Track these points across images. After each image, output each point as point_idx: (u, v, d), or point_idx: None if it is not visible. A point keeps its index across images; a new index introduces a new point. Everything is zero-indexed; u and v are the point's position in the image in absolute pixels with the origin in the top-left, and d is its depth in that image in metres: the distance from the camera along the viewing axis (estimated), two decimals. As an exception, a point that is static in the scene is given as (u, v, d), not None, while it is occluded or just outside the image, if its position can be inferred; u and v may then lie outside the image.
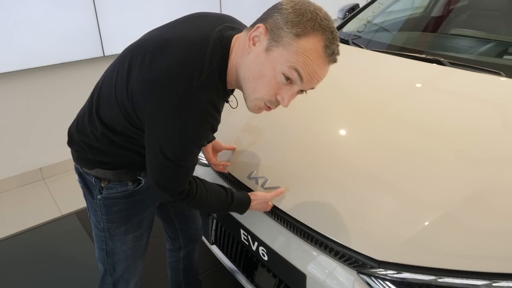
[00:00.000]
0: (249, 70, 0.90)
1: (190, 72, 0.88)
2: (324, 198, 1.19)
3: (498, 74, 1.50)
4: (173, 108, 0.88)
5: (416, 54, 1.73)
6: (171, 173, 0.98)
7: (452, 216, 1.03)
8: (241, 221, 1.38)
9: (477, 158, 1.18)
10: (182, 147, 0.93)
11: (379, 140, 1.31)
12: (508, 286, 0.91)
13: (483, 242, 0.98)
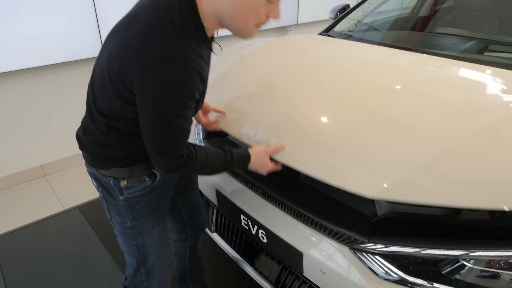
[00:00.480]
0: (232, 8, 0.95)
1: (163, 26, 0.92)
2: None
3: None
4: (156, 64, 0.90)
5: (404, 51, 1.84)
6: (168, 134, 0.99)
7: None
8: (242, 207, 1.48)
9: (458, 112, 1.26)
10: (174, 101, 0.95)
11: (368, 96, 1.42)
12: (483, 255, 1.02)
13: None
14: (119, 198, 1.18)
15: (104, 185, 1.20)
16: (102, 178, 1.18)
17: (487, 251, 1.02)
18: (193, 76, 0.94)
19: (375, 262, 1.11)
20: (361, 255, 1.14)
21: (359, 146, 1.20)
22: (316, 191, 1.32)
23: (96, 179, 1.21)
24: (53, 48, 2.65)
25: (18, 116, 2.78)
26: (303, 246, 1.26)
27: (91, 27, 2.74)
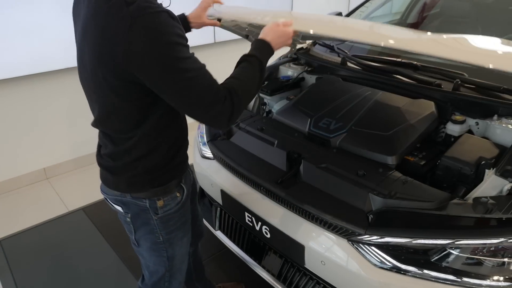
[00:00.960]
0: None
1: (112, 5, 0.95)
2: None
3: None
4: (130, 33, 0.92)
5: (394, 59, 1.96)
6: (201, 84, 0.98)
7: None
8: (246, 204, 1.59)
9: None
10: (175, 51, 0.95)
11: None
12: (468, 243, 1.14)
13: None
14: (153, 218, 1.21)
15: (135, 209, 1.21)
16: (135, 201, 1.19)
17: (471, 240, 1.14)
18: (166, 18, 0.95)
19: (371, 252, 1.23)
20: (358, 246, 1.25)
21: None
22: (315, 189, 1.43)
23: (124, 204, 1.22)
24: (58, 55, 2.72)
25: (22, 120, 2.85)
26: (304, 239, 1.37)
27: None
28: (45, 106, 2.91)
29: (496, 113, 1.56)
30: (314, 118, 1.72)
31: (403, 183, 1.34)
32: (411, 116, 1.61)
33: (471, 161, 1.38)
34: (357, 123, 1.63)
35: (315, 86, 2.01)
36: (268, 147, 1.65)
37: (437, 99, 1.69)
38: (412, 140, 1.52)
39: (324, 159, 1.50)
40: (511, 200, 1.21)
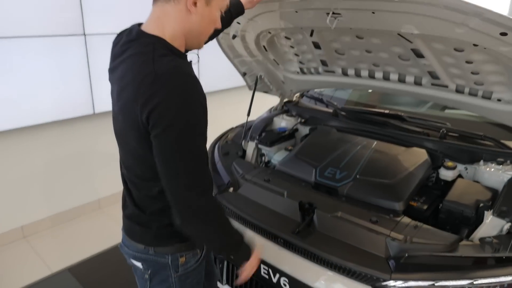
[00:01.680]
0: (201, 25, 1.09)
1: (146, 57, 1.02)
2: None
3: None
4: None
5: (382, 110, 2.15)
6: (197, 166, 1.02)
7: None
8: (262, 256, 1.61)
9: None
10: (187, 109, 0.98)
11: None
12: (484, 282, 1.23)
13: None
14: (172, 276, 1.22)
15: (155, 266, 1.21)
16: (156, 258, 1.20)
17: (487, 279, 1.24)
18: (191, 82, 1.00)
19: (397, 298, 1.29)
20: (384, 292, 1.31)
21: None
22: (332, 238, 1.49)
23: (145, 261, 1.22)
24: (48, 108, 2.69)
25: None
26: (327, 289, 1.41)
27: (85, 89, 2.83)
28: (28, 159, 2.82)
29: (482, 158, 1.75)
30: (319, 168, 1.82)
31: (414, 227, 1.44)
32: (409, 163, 1.75)
33: (471, 204, 1.52)
34: (361, 172, 1.75)
35: (313, 137, 2.13)
36: (279, 198, 1.71)
37: (428, 147, 1.85)
38: (413, 186, 1.65)
39: (335, 208, 1.58)
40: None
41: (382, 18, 1.44)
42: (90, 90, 2.86)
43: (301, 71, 2.24)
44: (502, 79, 1.53)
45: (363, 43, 1.72)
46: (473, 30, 1.26)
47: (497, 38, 1.25)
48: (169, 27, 1.07)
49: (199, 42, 1.15)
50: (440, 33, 1.37)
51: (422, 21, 1.35)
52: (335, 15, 1.49)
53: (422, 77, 1.77)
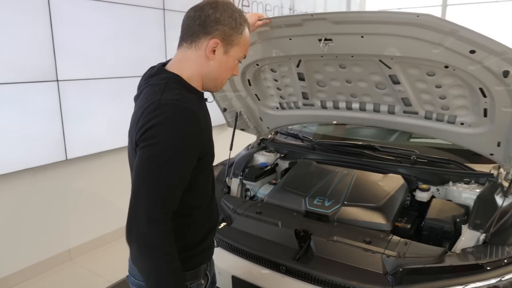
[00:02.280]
0: (218, 70, 1.17)
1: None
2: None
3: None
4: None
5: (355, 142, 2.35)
6: (158, 194, 1.02)
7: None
8: (265, 286, 1.65)
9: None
10: (175, 153, 1.03)
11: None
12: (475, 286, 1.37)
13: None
14: None
15: None
16: None
17: (475, 283, 1.38)
18: (187, 115, 1.06)
19: (400, 310, 1.39)
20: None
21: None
22: (331, 260, 1.58)
23: None
24: (19, 156, 2.60)
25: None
26: (335, 311, 1.48)
27: (57, 134, 2.78)
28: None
29: (450, 180, 1.96)
30: (308, 198, 1.94)
31: (405, 244, 1.58)
32: (389, 188, 1.92)
33: (449, 220, 1.70)
34: (347, 198, 1.89)
35: (296, 170, 2.25)
36: (273, 228, 1.78)
37: (402, 173, 2.05)
38: (397, 208, 1.81)
39: (330, 233, 1.69)
40: (488, 247, 1.51)
41: (369, 42, 1.63)
42: (63, 136, 2.81)
43: (281, 106, 2.41)
44: (465, 103, 1.78)
45: (345, 73, 1.92)
46: (447, 49, 1.48)
47: (467, 57, 1.47)
48: (187, 69, 1.17)
49: (215, 85, 1.23)
50: (419, 55, 1.59)
51: (403, 43, 1.56)
52: (326, 41, 1.68)
53: (395, 105, 1.98)
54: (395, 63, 1.71)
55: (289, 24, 1.69)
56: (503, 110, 1.66)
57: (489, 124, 1.78)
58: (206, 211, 1.27)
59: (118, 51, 3.12)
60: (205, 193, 1.25)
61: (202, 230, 1.26)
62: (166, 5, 3.41)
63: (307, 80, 2.07)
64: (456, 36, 1.41)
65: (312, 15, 1.59)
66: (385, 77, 1.82)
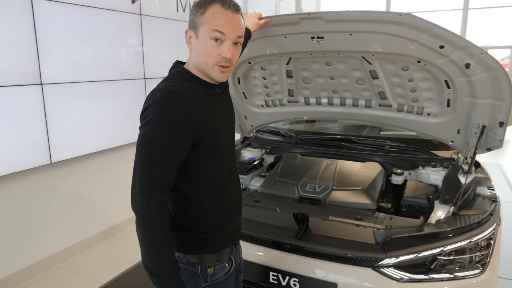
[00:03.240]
0: (199, 56, 1.21)
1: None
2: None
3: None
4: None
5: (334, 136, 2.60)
6: (149, 166, 1.14)
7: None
8: (270, 265, 1.83)
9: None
10: (161, 129, 1.14)
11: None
12: (450, 248, 1.64)
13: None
14: (201, 285, 1.30)
15: (187, 274, 1.28)
16: (187, 266, 1.29)
17: (451, 245, 1.66)
18: (173, 96, 1.16)
19: (392, 272, 1.63)
20: (380, 271, 1.64)
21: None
22: (329, 237, 1.80)
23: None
24: (3, 160, 2.57)
25: None
26: (335, 278, 1.69)
27: (41, 136, 2.77)
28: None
29: (420, 165, 2.27)
30: (300, 185, 2.15)
31: (390, 219, 1.84)
32: (370, 174, 2.19)
33: (424, 197, 1.98)
34: (335, 184, 2.12)
35: (284, 162, 2.46)
36: (273, 213, 1.97)
37: (379, 161, 2.33)
38: (379, 190, 2.08)
39: (324, 214, 1.91)
40: (457, 217, 1.81)
41: (356, 39, 1.87)
42: (47, 140, 2.80)
43: (266, 104, 2.61)
44: (432, 95, 2.08)
45: (330, 70, 2.16)
46: (422, 45, 1.76)
47: (437, 51, 1.75)
48: (190, 64, 1.28)
49: (208, 73, 1.23)
50: (397, 50, 1.85)
51: (385, 40, 1.82)
52: (319, 39, 1.90)
53: (372, 99, 2.26)
54: (376, 59, 1.97)
55: (287, 23, 1.89)
56: (463, 99, 1.98)
57: (451, 113, 2.10)
58: (220, 196, 1.32)
59: (99, 55, 3.16)
60: (216, 177, 1.30)
61: (220, 215, 1.32)
62: (143, 10, 3.49)
63: (294, 77, 2.29)
64: (430, 33, 1.69)
65: (309, 14, 1.81)
66: (365, 72, 2.08)
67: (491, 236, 1.71)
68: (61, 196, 3.05)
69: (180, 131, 1.15)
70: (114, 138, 3.37)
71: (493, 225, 1.74)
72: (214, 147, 1.26)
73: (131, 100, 3.48)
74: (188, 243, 1.30)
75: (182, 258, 1.31)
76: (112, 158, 3.46)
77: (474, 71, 1.79)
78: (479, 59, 1.72)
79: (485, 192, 1.99)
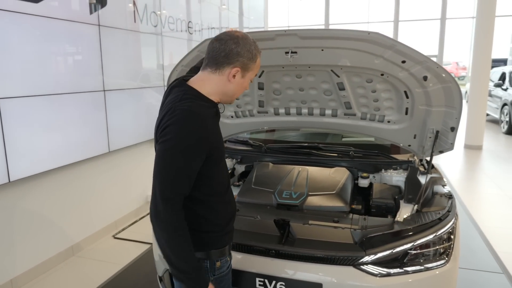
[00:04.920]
0: (235, 89, 1.42)
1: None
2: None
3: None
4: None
5: (301, 144, 2.74)
6: (169, 170, 1.28)
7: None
8: (256, 271, 1.89)
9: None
10: (182, 147, 1.28)
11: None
12: (419, 242, 1.83)
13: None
14: (209, 279, 1.45)
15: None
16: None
17: (419, 240, 1.84)
18: (195, 117, 1.32)
19: (371, 269, 1.78)
20: (361, 268, 1.78)
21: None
22: (310, 240, 1.91)
23: None
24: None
25: None
26: (319, 279, 1.80)
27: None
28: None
29: (382, 168, 2.47)
30: (276, 192, 2.24)
31: (364, 219, 1.99)
32: (339, 178, 2.34)
33: (390, 198, 2.17)
34: (309, 190, 2.25)
35: (257, 171, 2.55)
36: (254, 221, 2.05)
37: (345, 166, 2.50)
38: (349, 193, 2.23)
39: (304, 218, 2.02)
40: (421, 214, 2.01)
41: (328, 54, 2.01)
42: (5, 158, 2.64)
43: (235, 115, 2.68)
44: (392, 104, 2.29)
45: (300, 82, 2.29)
46: (386, 60, 1.95)
47: (399, 66, 1.95)
48: (209, 87, 1.42)
49: (231, 100, 1.49)
50: (364, 64, 2.03)
51: (354, 55, 1.99)
52: (292, 53, 2.02)
53: (338, 109, 2.43)
54: (343, 72, 2.14)
55: (263, 38, 1.99)
56: (420, 107, 2.21)
57: (408, 120, 2.33)
58: (224, 198, 1.51)
59: (57, 68, 3.03)
60: (221, 182, 1.49)
61: (225, 215, 1.51)
62: (101, 21, 3.41)
63: (265, 89, 2.39)
64: (394, 49, 1.89)
65: (285, 31, 1.93)
66: (333, 84, 2.24)
67: (452, 229, 1.93)
68: (19, 216, 2.87)
69: (199, 147, 1.30)
70: (73, 153, 3.24)
71: (452, 219, 1.96)
72: (220, 157, 1.46)
73: (90, 113, 3.37)
74: (197, 242, 1.42)
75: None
76: (72, 174, 3.32)
77: (431, 83, 2.02)
78: (435, 72, 1.95)
79: (441, 190, 2.23)
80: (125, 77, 3.82)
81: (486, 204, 4.64)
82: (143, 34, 4.05)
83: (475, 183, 5.60)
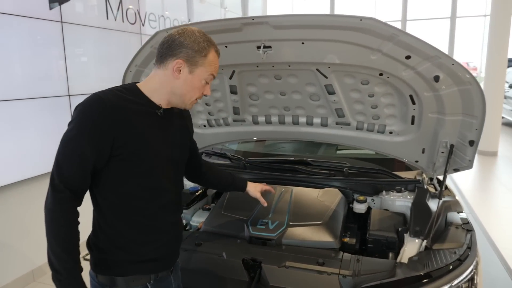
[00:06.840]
0: (184, 88, 1.27)
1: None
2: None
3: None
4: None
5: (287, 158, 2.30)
6: (61, 154, 1.17)
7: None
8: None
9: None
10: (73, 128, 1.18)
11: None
12: None
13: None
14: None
15: None
16: (99, 286, 1.26)
17: None
18: (97, 102, 1.20)
19: None
20: None
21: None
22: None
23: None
24: None
25: None
26: None
27: None
28: None
29: (383, 189, 2.02)
30: (250, 221, 1.81)
31: (357, 261, 1.54)
32: (329, 203, 1.90)
33: (392, 230, 1.72)
34: (291, 219, 1.80)
35: (231, 192, 2.11)
36: (218, 260, 1.61)
37: (338, 186, 2.05)
38: (341, 223, 1.78)
39: (280, 258, 1.58)
40: (431, 253, 1.55)
41: (310, 49, 1.59)
42: None
43: (208, 124, 2.25)
44: (394, 111, 1.84)
45: (280, 84, 1.85)
46: (385, 55, 1.50)
47: (402, 62, 1.50)
48: (152, 84, 1.29)
49: (183, 102, 1.32)
50: (357, 61, 1.59)
51: (344, 49, 1.55)
52: (266, 48, 1.59)
53: (328, 117, 1.98)
54: (332, 72, 1.70)
55: (227, 29, 1.57)
56: (430, 116, 1.75)
57: (415, 131, 1.88)
58: (139, 216, 1.27)
59: (10, 69, 2.64)
60: (135, 195, 1.26)
61: (134, 236, 1.27)
62: (64, 17, 3.01)
63: (239, 93, 1.96)
64: (395, 41, 1.44)
65: (253, 18, 1.50)
66: (320, 87, 1.80)
67: (473, 275, 1.47)
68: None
69: (97, 136, 1.17)
70: (32, 167, 2.85)
71: (473, 261, 1.50)
72: (137, 164, 1.24)
73: (53, 121, 2.97)
74: (97, 262, 1.28)
75: (94, 277, 1.29)
76: (31, 190, 2.92)
77: (444, 85, 1.56)
78: (449, 71, 1.49)
79: (456, 220, 1.78)
80: (95, 80, 3.41)
81: (504, 220, 4.14)
82: (119, 33, 3.64)
83: (490, 194, 5.10)
